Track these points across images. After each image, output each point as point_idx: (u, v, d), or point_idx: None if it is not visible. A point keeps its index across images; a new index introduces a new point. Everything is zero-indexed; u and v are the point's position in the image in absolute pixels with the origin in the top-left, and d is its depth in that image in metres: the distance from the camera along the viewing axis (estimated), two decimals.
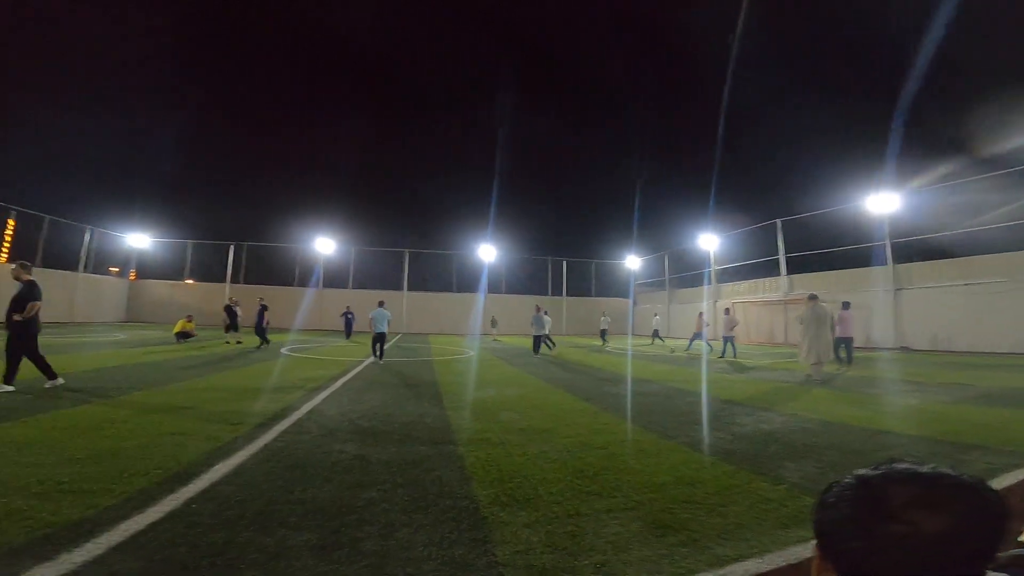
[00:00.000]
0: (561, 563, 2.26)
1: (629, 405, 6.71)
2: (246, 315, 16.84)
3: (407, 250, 35.90)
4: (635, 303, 38.48)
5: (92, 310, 28.29)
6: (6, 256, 25.37)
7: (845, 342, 12.61)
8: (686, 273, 33.93)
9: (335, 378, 8.43)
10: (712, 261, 30.41)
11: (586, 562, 2.27)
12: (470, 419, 5.51)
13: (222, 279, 33.43)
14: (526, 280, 38.05)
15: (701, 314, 19.20)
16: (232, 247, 34.01)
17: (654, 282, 37.81)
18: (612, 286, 39.75)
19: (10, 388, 6.06)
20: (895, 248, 20.03)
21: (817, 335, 9.68)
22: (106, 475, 3.10)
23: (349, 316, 22.21)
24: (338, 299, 29.59)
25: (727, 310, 17.20)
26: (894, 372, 11.18)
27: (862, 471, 0.67)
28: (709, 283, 30.44)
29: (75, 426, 4.38)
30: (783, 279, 24.78)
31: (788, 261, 24.82)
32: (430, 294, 35.72)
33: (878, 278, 20.33)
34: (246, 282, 33.43)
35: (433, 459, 3.83)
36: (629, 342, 24.62)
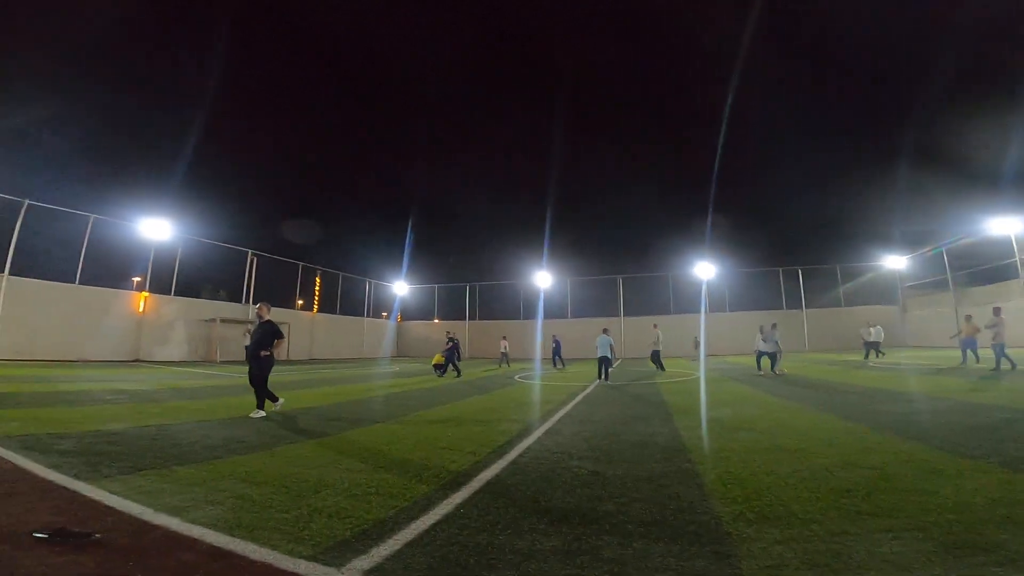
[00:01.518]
0: None
1: (910, 423, 5.55)
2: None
3: (620, 276, 36.16)
4: (904, 309, 31.40)
5: (374, 347, 35.80)
6: (318, 306, 34.41)
7: None
8: (978, 267, 26.28)
9: (565, 402, 8.89)
10: (1017, 249, 23.05)
11: None
12: (706, 438, 5.26)
13: (462, 317, 38.58)
14: (752, 296, 34.65)
15: (968, 317, 14.79)
16: (468, 288, 39.23)
17: (930, 282, 30.28)
18: (866, 292, 33.38)
19: (281, 401, 7.31)
20: None
21: None
22: (399, 481, 3.83)
23: (555, 344, 22.88)
24: (557, 329, 31.19)
25: (997, 310, 12.76)
26: None
27: None
28: (1020, 276, 23.02)
29: (376, 440, 5.52)
30: None
31: None
32: (648, 318, 35.01)
33: None
34: (480, 318, 38.03)
35: (668, 476, 3.77)
36: (898, 355, 20.26)
